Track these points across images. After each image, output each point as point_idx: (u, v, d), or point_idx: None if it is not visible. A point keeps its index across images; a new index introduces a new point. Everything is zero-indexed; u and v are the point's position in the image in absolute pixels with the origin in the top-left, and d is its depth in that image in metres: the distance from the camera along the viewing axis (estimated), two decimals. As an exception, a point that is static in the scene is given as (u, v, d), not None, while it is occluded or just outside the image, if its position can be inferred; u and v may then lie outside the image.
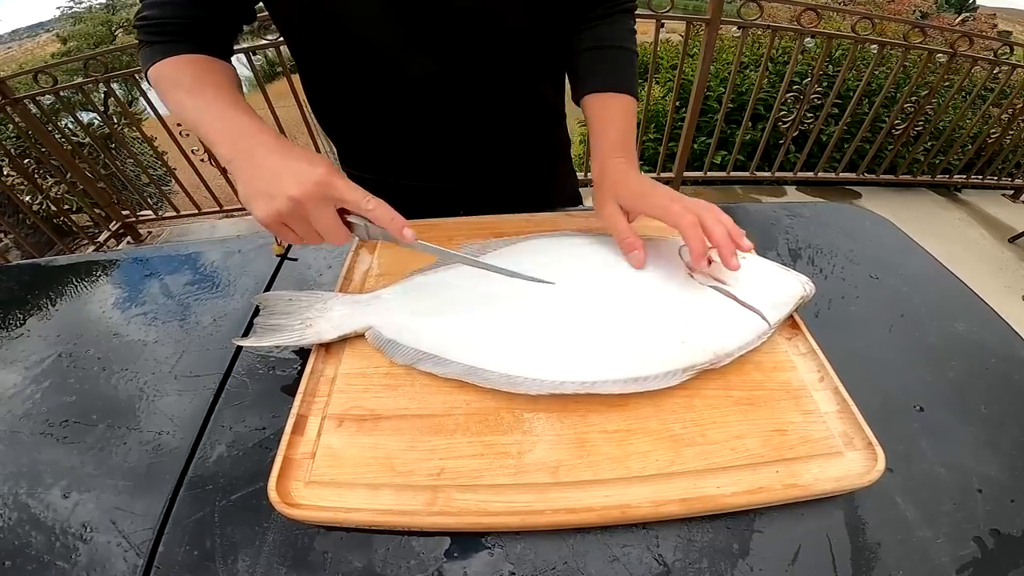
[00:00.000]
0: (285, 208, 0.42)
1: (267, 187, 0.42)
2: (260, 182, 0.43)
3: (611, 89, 0.60)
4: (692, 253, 0.46)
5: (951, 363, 0.49)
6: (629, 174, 0.54)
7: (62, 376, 0.51)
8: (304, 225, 0.43)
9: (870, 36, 2.14)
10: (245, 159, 0.44)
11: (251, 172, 0.44)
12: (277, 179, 0.42)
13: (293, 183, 0.42)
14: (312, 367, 0.45)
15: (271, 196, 0.42)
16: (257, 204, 0.43)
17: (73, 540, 0.38)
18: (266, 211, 0.42)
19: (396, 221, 0.44)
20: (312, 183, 0.42)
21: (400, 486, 0.37)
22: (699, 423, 0.41)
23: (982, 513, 0.38)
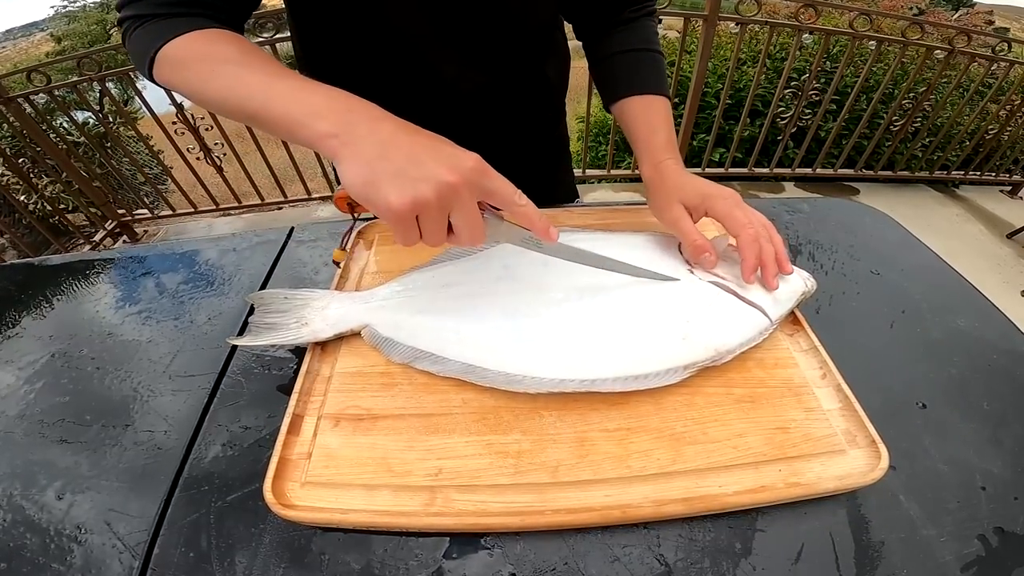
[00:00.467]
0: (432, 195, 0.35)
1: (406, 169, 0.36)
2: (392, 162, 0.36)
3: (650, 91, 0.60)
4: (743, 267, 0.47)
5: (953, 359, 0.48)
6: (685, 175, 0.54)
7: (55, 376, 0.51)
8: (440, 218, 0.37)
9: (868, 32, 2.14)
10: (363, 134, 0.37)
11: (375, 150, 0.37)
12: (419, 161, 0.36)
13: (444, 167, 0.36)
14: (308, 366, 0.45)
15: (414, 180, 0.35)
16: (389, 187, 0.35)
17: (68, 542, 0.37)
18: (404, 197, 0.35)
19: (543, 220, 0.40)
20: (468, 168, 0.37)
21: (397, 486, 0.37)
22: (700, 421, 0.40)
23: (986, 511, 0.37)
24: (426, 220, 0.37)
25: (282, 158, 2.36)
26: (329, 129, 0.38)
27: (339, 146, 0.37)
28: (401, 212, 0.36)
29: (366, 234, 0.61)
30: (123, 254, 0.69)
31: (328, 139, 0.38)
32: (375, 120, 0.39)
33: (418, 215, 0.36)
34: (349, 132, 0.37)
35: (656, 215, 0.55)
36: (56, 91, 2.10)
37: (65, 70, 2.66)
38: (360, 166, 0.36)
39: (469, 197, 0.37)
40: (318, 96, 0.40)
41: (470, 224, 0.38)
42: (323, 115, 0.38)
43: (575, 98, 3.14)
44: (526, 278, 0.49)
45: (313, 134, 0.38)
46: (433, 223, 0.37)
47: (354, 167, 0.37)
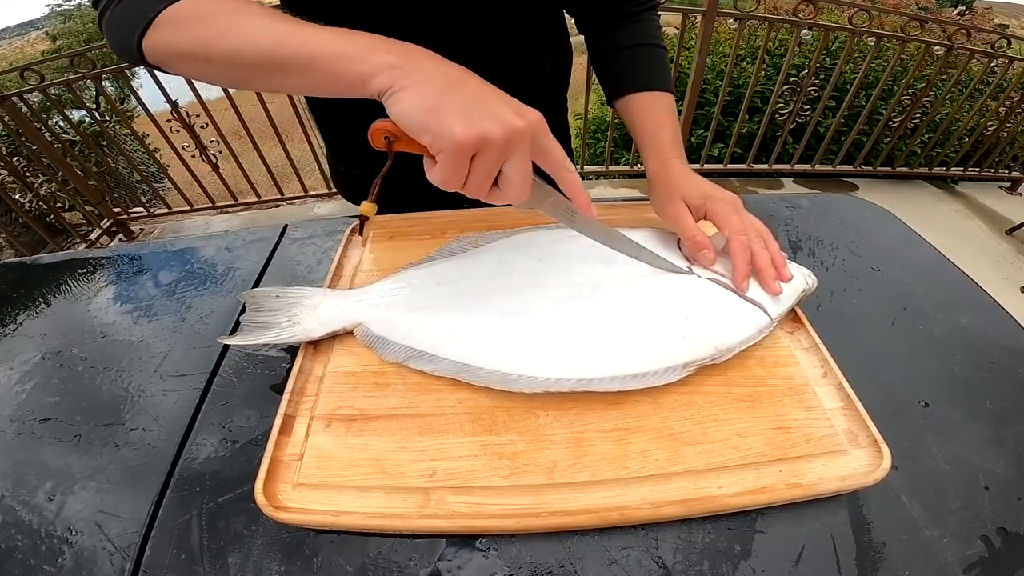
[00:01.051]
0: (500, 133, 0.34)
1: (474, 106, 0.35)
2: (462, 96, 0.35)
3: (656, 88, 0.60)
4: (734, 274, 0.47)
5: (956, 357, 0.48)
6: (689, 174, 0.55)
7: (47, 376, 0.50)
8: (496, 162, 0.36)
9: (867, 28, 2.13)
10: (428, 68, 0.36)
11: (444, 81, 0.36)
12: (487, 102, 0.36)
13: (511, 113, 0.35)
14: (300, 365, 0.44)
15: (481, 116, 0.34)
16: (456, 117, 0.34)
17: (59, 543, 0.37)
18: (471, 129, 0.34)
19: (586, 195, 0.41)
20: (534, 120, 0.36)
21: (391, 488, 0.36)
22: (700, 421, 0.40)
23: (989, 511, 0.37)
24: (483, 160, 0.35)
25: (279, 156, 2.35)
26: (391, 60, 0.36)
27: (401, 76, 0.36)
28: (464, 143, 0.34)
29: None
30: (116, 253, 0.68)
31: (388, 70, 0.36)
32: (439, 60, 0.38)
33: (477, 153, 0.35)
34: (413, 65, 0.36)
35: (657, 211, 0.55)
36: (50, 89, 2.09)
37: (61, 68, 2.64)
38: (426, 94, 0.35)
39: (529, 149, 0.36)
40: (366, 37, 0.38)
41: (522, 176, 0.37)
42: (380, 49, 0.37)
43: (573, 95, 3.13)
44: (522, 275, 0.48)
45: (369, 67, 0.36)
46: (488, 165, 0.36)
47: (418, 95, 0.35)
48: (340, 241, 0.58)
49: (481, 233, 0.56)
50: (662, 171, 0.56)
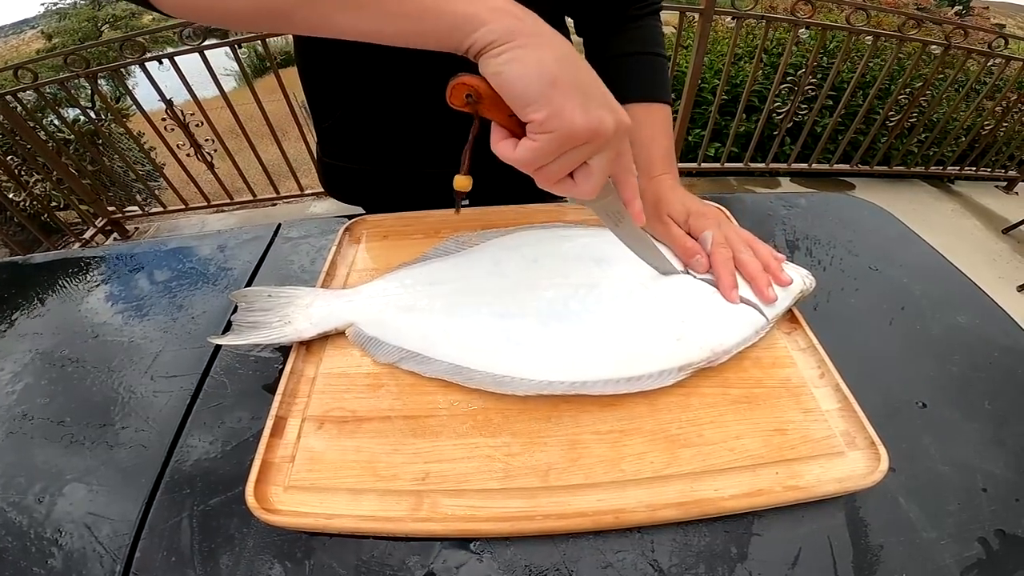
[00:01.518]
0: (612, 128, 0.32)
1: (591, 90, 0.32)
2: (580, 76, 0.32)
3: (651, 99, 0.59)
4: (720, 286, 0.46)
5: (954, 357, 0.47)
6: (676, 190, 0.55)
7: (36, 377, 0.49)
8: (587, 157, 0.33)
9: (865, 27, 2.13)
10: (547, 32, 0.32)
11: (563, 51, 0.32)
12: (601, 89, 0.33)
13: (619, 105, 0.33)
14: (292, 366, 0.44)
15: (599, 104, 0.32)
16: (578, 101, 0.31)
17: (48, 545, 0.37)
18: (590, 118, 0.31)
19: (640, 200, 0.40)
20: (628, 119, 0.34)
21: (383, 491, 0.36)
22: (696, 423, 0.39)
23: (987, 513, 0.37)
24: (582, 151, 0.33)
25: (275, 154, 2.34)
26: (508, 7, 0.32)
27: (523, 32, 0.31)
28: (580, 132, 0.31)
29: (354, 230, 0.60)
30: (108, 252, 0.67)
31: (508, 19, 0.31)
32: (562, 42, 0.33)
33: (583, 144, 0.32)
34: (533, 21, 0.32)
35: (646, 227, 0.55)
36: (45, 88, 2.07)
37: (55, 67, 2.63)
38: (550, 60, 0.31)
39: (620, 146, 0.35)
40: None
41: (604, 173, 0.34)
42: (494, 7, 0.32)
43: (571, 93, 3.10)
44: (516, 276, 0.48)
45: (484, 10, 0.31)
46: (583, 156, 0.33)
47: (539, 61, 0.31)
48: (334, 240, 0.58)
49: (475, 232, 0.56)
50: (650, 188, 0.56)
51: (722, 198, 0.64)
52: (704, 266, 0.48)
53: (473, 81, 0.33)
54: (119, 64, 2.07)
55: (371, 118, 0.66)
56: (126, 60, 1.99)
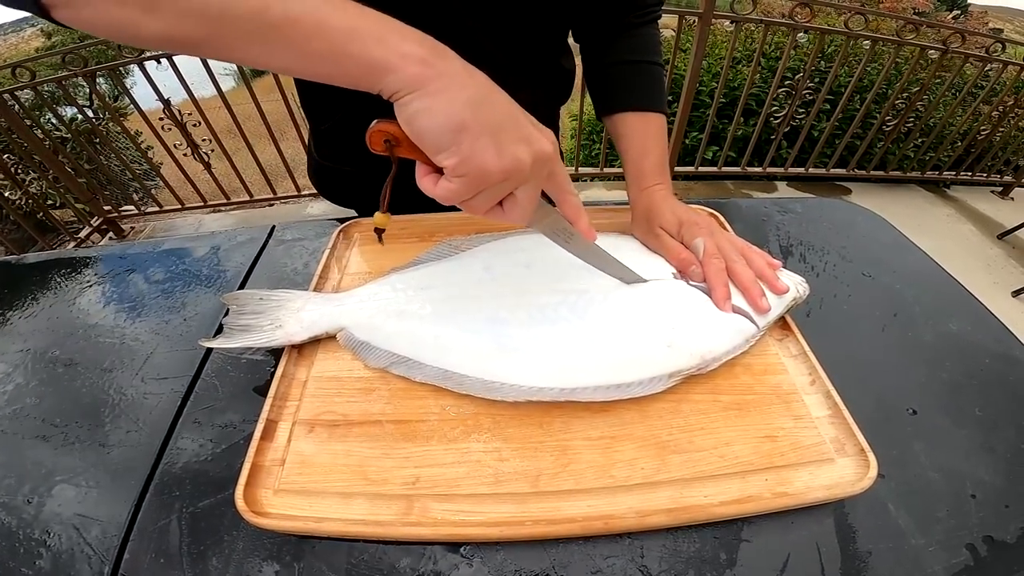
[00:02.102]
0: (529, 162, 0.32)
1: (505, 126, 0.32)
2: (495, 114, 0.31)
3: (647, 108, 0.59)
4: (714, 297, 0.46)
5: (945, 364, 0.48)
6: (668, 200, 0.55)
7: (27, 377, 0.49)
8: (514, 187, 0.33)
9: (863, 32, 2.13)
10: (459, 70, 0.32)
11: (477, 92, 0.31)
12: (517, 122, 0.32)
13: (539, 134, 0.33)
14: (284, 369, 0.44)
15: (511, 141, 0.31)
16: (489, 143, 0.31)
17: (36, 546, 0.37)
18: (504, 159, 0.31)
19: (586, 218, 0.40)
20: (553, 144, 0.34)
21: (373, 495, 0.36)
22: (686, 429, 0.39)
23: (975, 519, 0.37)
24: (503, 187, 0.33)
25: (272, 155, 2.34)
26: (420, 53, 0.31)
27: (430, 78, 0.30)
28: (493, 174, 0.31)
29: (347, 234, 0.60)
30: (101, 252, 0.67)
31: (416, 65, 0.30)
32: (466, 63, 0.32)
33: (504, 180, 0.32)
34: (445, 66, 0.31)
35: (639, 238, 0.56)
36: (42, 87, 2.07)
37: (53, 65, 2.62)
38: (459, 105, 0.30)
39: (545, 174, 0.34)
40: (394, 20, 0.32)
41: (531, 201, 0.35)
42: (409, 36, 0.31)
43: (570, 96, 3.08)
44: (508, 282, 0.48)
45: (395, 54, 0.30)
46: (505, 191, 0.33)
47: (448, 105, 0.30)
48: (328, 243, 0.58)
49: (469, 236, 0.56)
50: (642, 199, 0.56)
51: (717, 203, 0.64)
52: (699, 276, 0.48)
53: (390, 128, 0.33)
54: (117, 63, 2.07)
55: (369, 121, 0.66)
56: (124, 59, 1.99)
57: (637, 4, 0.61)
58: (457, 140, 0.31)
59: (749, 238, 0.52)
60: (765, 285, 0.47)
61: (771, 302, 0.46)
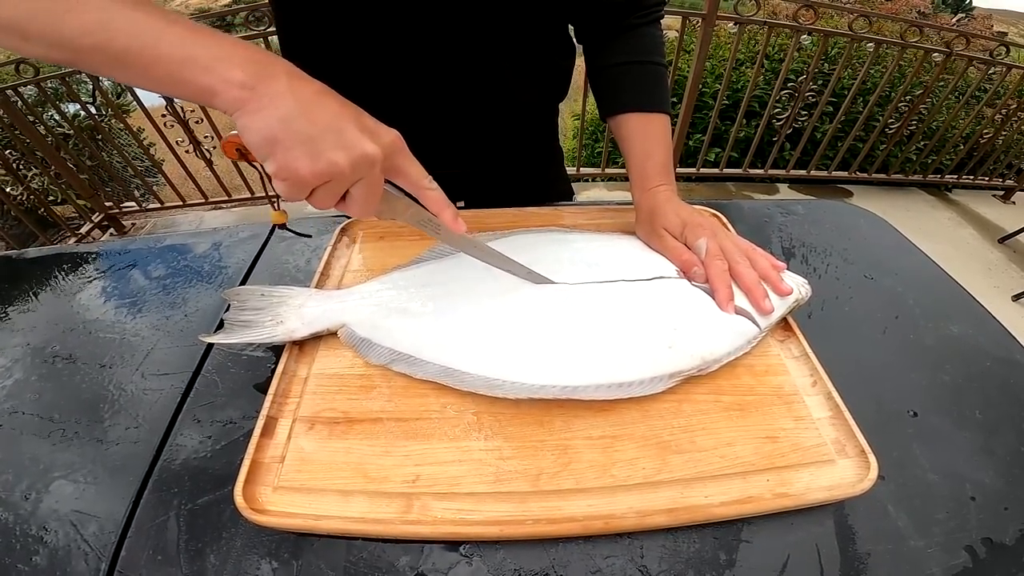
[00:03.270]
0: (347, 165, 0.34)
1: (324, 135, 0.34)
2: (312, 125, 0.34)
3: (649, 109, 0.59)
4: (717, 299, 0.46)
5: (946, 366, 0.48)
6: (671, 201, 0.55)
7: (27, 372, 0.49)
8: (338, 191, 0.36)
9: (867, 34, 2.13)
10: (281, 90, 0.34)
11: (294, 108, 0.34)
12: (339, 129, 0.35)
13: (363, 138, 0.35)
14: (284, 366, 0.44)
15: (331, 147, 0.34)
16: (301, 152, 0.34)
17: (33, 542, 0.36)
18: (317, 165, 0.34)
19: (451, 209, 0.40)
20: (388, 143, 0.36)
21: (373, 493, 0.36)
22: (688, 429, 0.39)
23: (975, 521, 0.37)
24: (328, 188, 0.36)
25: (274, 152, 2.33)
26: (241, 77, 0.34)
27: (248, 98, 0.34)
28: (307, 179, 0.34)
29: (350, 231, 0.60)
30: (102, 248, 0.67)
31: (236, 89, 0.34)
32: (296, 78, 0.36)
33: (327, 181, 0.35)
34: (265, 85, 0.34)
35: (643, 239, 0.56)
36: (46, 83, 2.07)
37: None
38: (271, 122, 0.34)
39: (380, 171, 0.37)
40: (227, 42, 0.35)
41: (366, 197, 0.37)
42: (235, 61, 0.34)
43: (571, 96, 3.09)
44: (509, 280, 0.48)
45: (219, 81, 0.34)
46: (333, 191, 0.36)
47: (262, 122, 0.34)
48: (329, 240, 0.58)
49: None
50: (646, 200, 0.56)
51: (720, 204, 0.64)
52: (702, 277, 0.48)
53: (238, 139, 0.37)
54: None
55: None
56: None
57: (638, 5, 0.61)
58: (272, 151, 0.34)
59: (751, 239, 0.52)
60: (769, 286, 0.47)
61: (774, 303, 0.46)
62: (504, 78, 0.63)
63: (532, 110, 0.71)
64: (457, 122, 0.65)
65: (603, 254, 0.51)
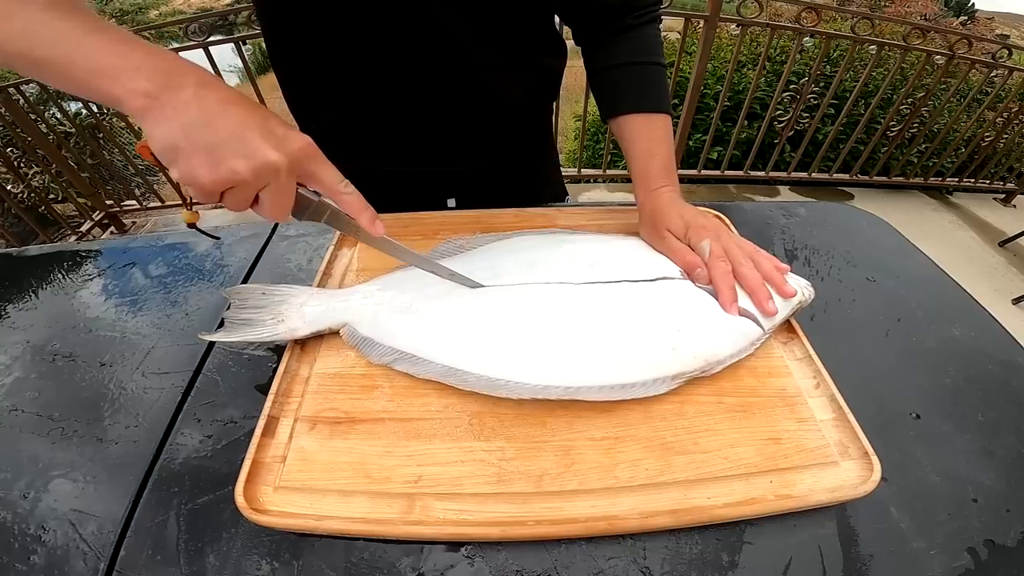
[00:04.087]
0: (248, 173, 0.35)
1: (227, 143, 0.35)
2: (214, 133, 0.35)
3: (650, 109, 0.59)
4: (720, 300, 0.46)
5: (948, 369, 0.48)
6: (675, 203, 0.55)
7: (25, 370, 0.49)
8: (249, 193, 0.37)
9: (869, 37, 2.13)
10: (186, 99, 0.35)
11: (197, 116, 0.35)
12: (243, 137, 0.36)
13: (270, 145, 0.36)
14: (286, 365, 0.43)
15: (232, 155, 0.35)
16: (201, 160, 0.35)
17: (31, 541, 0.36)
18: (217, 173, 0.35)
19: (369, 212, 0.41)
20: (295, 149, 0.37)
21: (375, 493, 0.36)
22: (691, 431, 0.39)
23: (977, 523, 0.37)
24: (233, 194, 0.37)
25: (275, 151, 2.33)
26: (146, 87, 0.35)
27: (152, 107, 0.35)
28: (206, 187, 0.36)
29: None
30: (103, 246, 0.67)
31: (141, 98, 0.35)
32: (203, 86, 0.37)
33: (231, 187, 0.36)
34: (170, 94, 0.35)
35: (646, 240, 0.55)
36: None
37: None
38: (174, 130, 0.35)
39: (287, 177, 0.37)
40: (139, 52, 0.36)
41: (277, 202, 0.38)
42: (143, 72, 0.36)
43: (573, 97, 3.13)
44: (512, 279, 0.48)
45: (124, 91, 0.35)
46: (239, 197, 0.37)
47: (165, 130, 0.35)
48: (332, 240, 0.58)
49: (473, 235, 0.56)
50: (649, 201, 0.56)
51: (722, 206, 0.64)
52: (705, 278, 0.48)
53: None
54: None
55: (359, 119, 0.66)
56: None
57: (633, 5, 0.60)
58: (174, 159, 0.36)
59: (754, 242, 0.52)
60: (773, 288, 0.47)
61: (778, 305, 0.46)
62: (487, 75, 0.63)
63: (519, 109, 0.71)
64: (442, 118, 0.65)
65: (606, 255, 0.51)
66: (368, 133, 0.67)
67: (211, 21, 1.94)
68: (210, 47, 1.92)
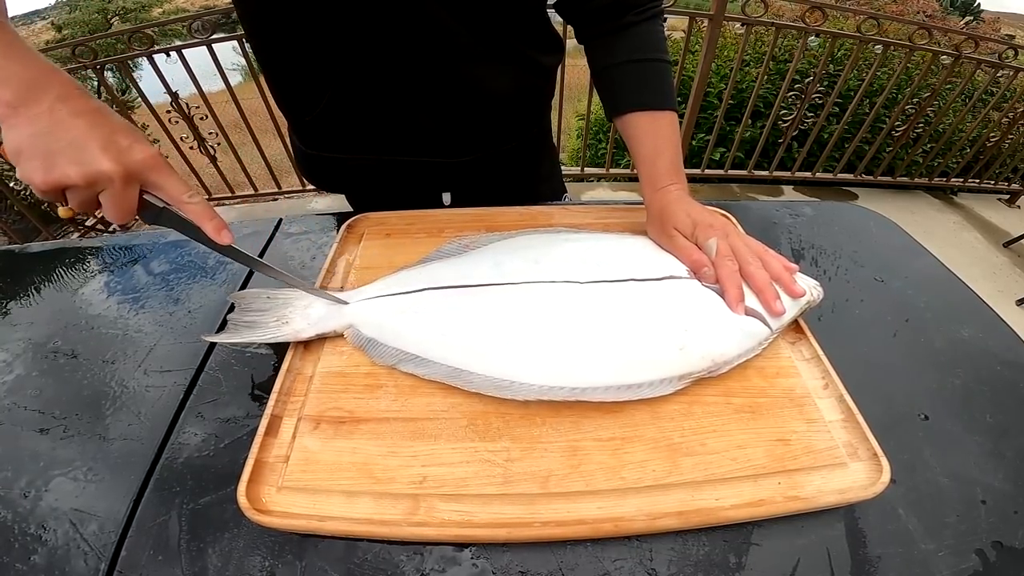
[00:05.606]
0: (78, 179, 0.38)
1: (63, 151, 0.38)
2: (54, 141, 0.38)
3: (656, 107, 0.58)
4: (727, 299, 0.45)
5: (957, 370, 0.47)
6: (682, 201, 0.54)
7: (27, 368, 0.49)
8: (87, 197, 0.40)
9: (874, 36, 2.12)
10: (40, 110, 0.39)
11: (43, 126, 0.39)
12: (80, 146, 0.39)
13: (107, 155, 0.39)
14: (289, 364, 0.43)
15: (67, 162, 0.38)
16: (36, 164, 0.38)
17: (32, 541, 0.36)
18: (49, 176, 0.38)
19: (215, 221, 0.43)
20: (134, 160, 0.40)
21: (379, 494, 0.35)
22: (698, 431, 0.39)
23: (985, 525, 0.36)
24: (72, 196, 0.40)
25: (277, 149, 2.33)
26: (8, 97, 0.38)
27: (11, 115, 0.38)
28: (41, 189, 0.39)
29: (354, 229, 0.60)
30: (105, 243, 0.67)
31: (2, 106, 0.38)
32: (61, 99, 0.39)
33: (65, 191, 0.40)
34: (28, 105, 0.39)
35: (653, 238, 0.55)
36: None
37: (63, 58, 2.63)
38: (19, 136, 0.38)
39: (123, 186, 0.40)
40: (16, 64, 0.39)
41: (114, 207, 0.40)
42: (11, 83, 0.39)
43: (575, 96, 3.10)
44: (518, 278, 0.47)
45: None
46: (78, 200, 0.40)
47: (15, 136, 0.39)
48: (335, 238, 0.57)
49: (478, 234, 0.55)
50: (656, 200, 0.55)
51: (728, 205, 0.63)
52: (712, 278, 0.48)
53: None
54: (127, 56, 2.06)
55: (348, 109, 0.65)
56: (134, 52, 1.99)
57: (633, 2, 0.60)
58: (17, 161, 0.39)
59: (760, 241, 0.51)
60: (781, 288, 0.46)
61: (786, 305, 0.45)
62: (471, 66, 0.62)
63: (509, 103, 0.70)
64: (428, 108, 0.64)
65: (612, 253, 0.50)
66: (357, 123, 0.66)
67: (214, 19, 1.94)
68: (213, 44, 1.91)
